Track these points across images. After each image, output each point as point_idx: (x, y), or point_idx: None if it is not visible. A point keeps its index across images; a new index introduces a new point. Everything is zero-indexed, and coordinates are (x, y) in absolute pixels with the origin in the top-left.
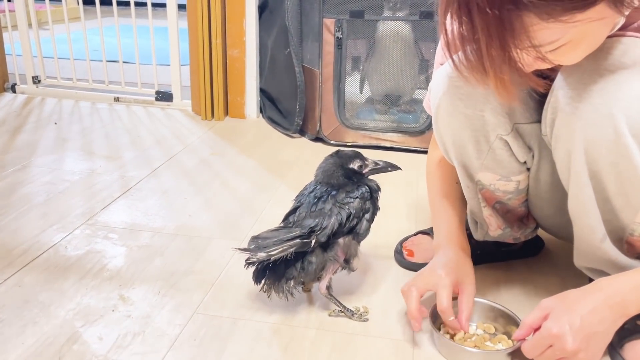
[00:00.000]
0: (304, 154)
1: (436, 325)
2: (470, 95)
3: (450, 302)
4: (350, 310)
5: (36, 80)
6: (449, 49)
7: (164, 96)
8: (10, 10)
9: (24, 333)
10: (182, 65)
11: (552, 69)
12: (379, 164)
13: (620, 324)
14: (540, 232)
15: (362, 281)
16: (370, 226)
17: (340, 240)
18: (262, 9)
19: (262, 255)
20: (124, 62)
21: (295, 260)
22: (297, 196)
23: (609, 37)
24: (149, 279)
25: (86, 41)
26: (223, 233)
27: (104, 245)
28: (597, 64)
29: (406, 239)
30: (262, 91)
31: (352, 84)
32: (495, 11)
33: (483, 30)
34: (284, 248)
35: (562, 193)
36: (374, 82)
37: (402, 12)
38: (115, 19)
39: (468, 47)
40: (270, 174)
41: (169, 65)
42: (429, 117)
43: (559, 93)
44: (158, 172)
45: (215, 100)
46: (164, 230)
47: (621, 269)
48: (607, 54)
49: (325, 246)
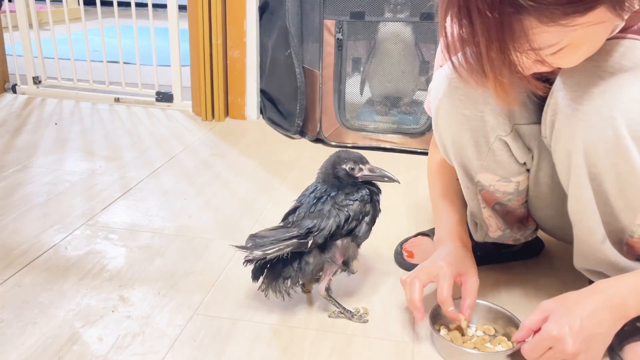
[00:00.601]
0: (304, 155)
1: (436, 327)
2: (470, 96)
3: (451, 292)
4: (350, 312)
5: (37, 80)
6: (448, 51)
7: (165, 97)
8: (10, 11)
9: (24, 333)
10: (182, 66)
11: (552, 72)
12: (374, 171)
13: (620, 326)
14: (540, 233)
15: (362, 282)
16: (370, 229)
17: (339, 242)
18: (262, 10)
19: (257, 254)
20: (125, 62)
21: (293, 260)
22: (299, 196)
23: (609, 39)
24: (149, 279)
25: (87, 42)
26: (223, 234)
27: (104, 245)
28: (597, 66)
29: (406, 240)
30: (263, 92)
31: (352, 85)
32: (496, 14)
33: (483, 33)
34: (281, 247)
35: (561, 194)
36: (375, 83)
37: (403, 14)
38: (116, 20)
39: (468, 50)
40: (270, 174)
41: (170, 66)
42: (429, 119)
43: (559, 95)
44: (158, 173)
45: (215, 101)
46: (164, 230)
47: (621, 270)
48: (607, 56)
49: (323, 247)
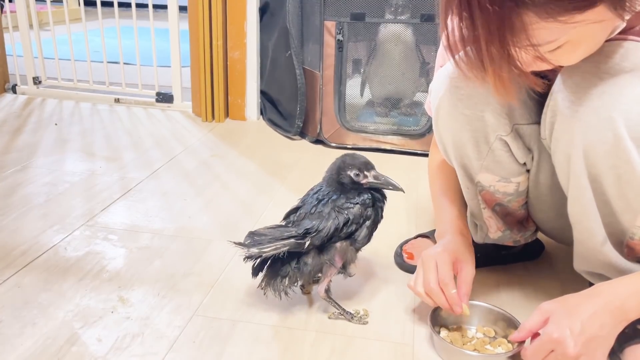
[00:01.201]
0: (304, 157)
1: (436, 329)
2: (470, 95)
3: (452, 275)
4: (350, 313)
5: (37, 81)
6: (450, 47)
7: (165, 97)
8: (11, 11)
9: (23, 334)
10: (182, 66)
11: (552, 70)
12: (379, 178)
13: (620, 328)
14: (541, 235)
15: (362, 284)
16: (370, 234)
17: (338, 245)
18: (263, 11)
19: (254, 251)
20: (125, 63)
21: (291, 259)
22: (304, 196)
23: (609, 40)
24: (149, 280)
25: (87, 42)
26: (223, 235)
27: (104, 246)
28: (597, 67)
29: (406, 242)
30: (263, 93)
31: (352, 87)
32: (496, 7)
33: (483, 26)
34: (278, 246)
35: (561, 196)
36: (375, 84)
37: (404, 15)
38: (117, 20)
39: (468, 45)
40: (270, 176)
41: (170, 66)
42: (430, 120)
43: (559, 96)
44: (158, 174)
45: (215, 102)
46: (163, 231)
47: (621, 272)
48: (607, 57)
49: (322, 249)
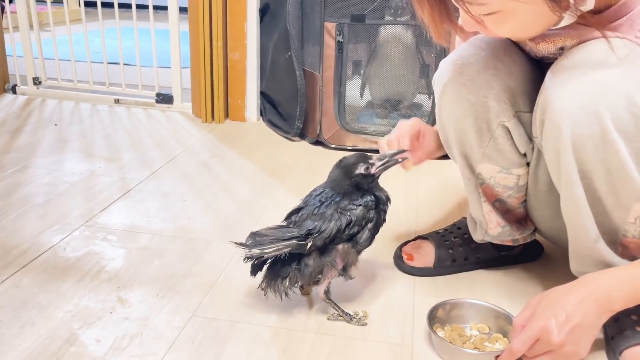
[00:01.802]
0: (304, 158)
1: (434, 328)
2: (474, 81)
3: (410, 134)
4: (349, 315)
5: (37, 81)
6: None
7: (165, 98)
8: (11, 12)
9: (22, 334)
10: (182, 67)
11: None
12: (383, 159)
13: (605, 318)
14: (539, 238)
15: (362, 285)
16: (372, 236)
17: (340, 247)
18: (263, 12)
19: (255, 252)
20: (125, 64)
21: (292, 260)
22: (306, 196)
23: (595, 37)
24: (148, 281)
25: (87, 43)
26: (222, 236)
27: (103, 246)
28: (583, 62)
29: (406, 243)
30: (263, 94)
31: (352, 88)
32: None
33: None
34: (279, 247)
35: (558, 195)
36: (375, 86)
37: (404, 17)
38: (117, 21)
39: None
40: (270, 177)
41: (170, 67)
42: (429, 121)
43: (548, 93)
44: (158, 174)
45: (215, 102)
46: (163, 232)
47: None
48: (594, 53)
49: (323, 251)
